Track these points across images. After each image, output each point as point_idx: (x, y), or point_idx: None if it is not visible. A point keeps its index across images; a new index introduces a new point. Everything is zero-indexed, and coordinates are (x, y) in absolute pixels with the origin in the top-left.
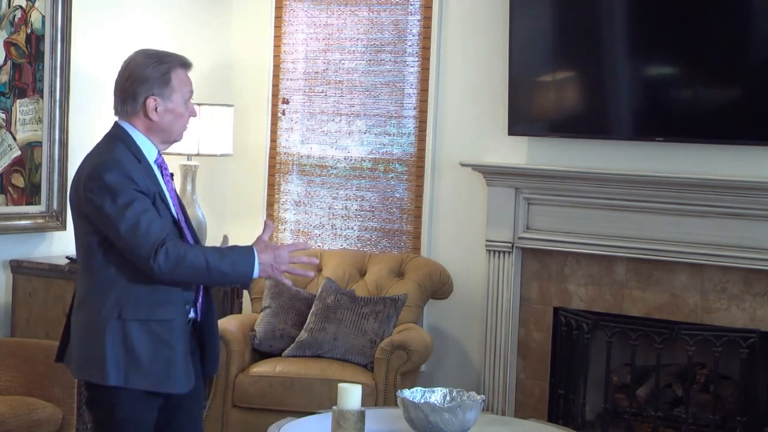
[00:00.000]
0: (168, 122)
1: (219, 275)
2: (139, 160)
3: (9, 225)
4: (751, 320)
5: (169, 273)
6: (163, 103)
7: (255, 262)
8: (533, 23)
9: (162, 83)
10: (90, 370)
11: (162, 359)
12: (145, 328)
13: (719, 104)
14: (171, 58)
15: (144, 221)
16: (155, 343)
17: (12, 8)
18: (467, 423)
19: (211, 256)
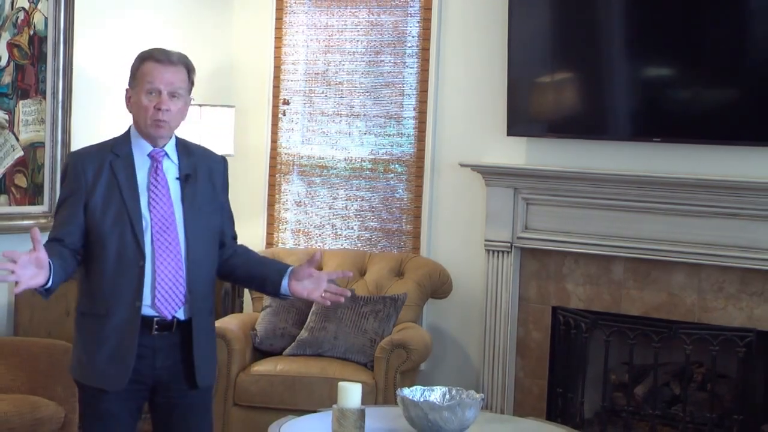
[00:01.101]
0: (135, 113)
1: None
2: (118, 155)
3: (12, 225)
4: (748, 319)
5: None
6: (132, 94)
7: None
8: (532, 25)
9: (132, 76)
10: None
11: (86, 351)
12: (82, 320)
13: (716, 105)
14: (145, 53)
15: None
16: (87, 336)
17: (15, 10)
18: (466, 421)
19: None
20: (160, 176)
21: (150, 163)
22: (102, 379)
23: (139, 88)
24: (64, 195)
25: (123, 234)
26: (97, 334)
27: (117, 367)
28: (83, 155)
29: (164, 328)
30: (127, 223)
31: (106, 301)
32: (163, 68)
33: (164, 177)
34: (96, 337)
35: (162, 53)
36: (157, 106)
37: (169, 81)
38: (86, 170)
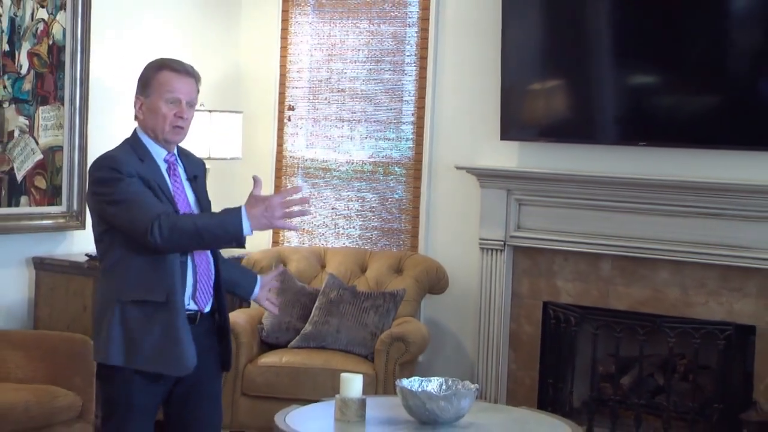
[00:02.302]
0: (149, 120)
1: (210, 237)
2: (142, 159)
3: (32, 224)
4: (728, 314)
5: (166, 243)
6: (145, 101)
7: (243, 218)
8: (524, 35)
9: (143, 84)
10: (96, 350)
11: (155, 340)
12: (140, 309)
13: (699, 111)
14: (162, 62)
15: (135, 201)
16: (149, 324)
17: (35, 21)
18: (462, 410)
19: (200, 220)
20: (178, 178)
21: (166, 167)
22: (174, 365)
23: (157, 96)
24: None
25: None
26: (162, 321)
27: (190, 352)
28: (121, 160)
29: (196, 319)
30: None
31: (167, 289)
32: (181, 79)
33: (180, 179)
34: (162, 325)
35: (179, 64)
36: (178, 114)
37: (188, 92)
38: (133, 171)
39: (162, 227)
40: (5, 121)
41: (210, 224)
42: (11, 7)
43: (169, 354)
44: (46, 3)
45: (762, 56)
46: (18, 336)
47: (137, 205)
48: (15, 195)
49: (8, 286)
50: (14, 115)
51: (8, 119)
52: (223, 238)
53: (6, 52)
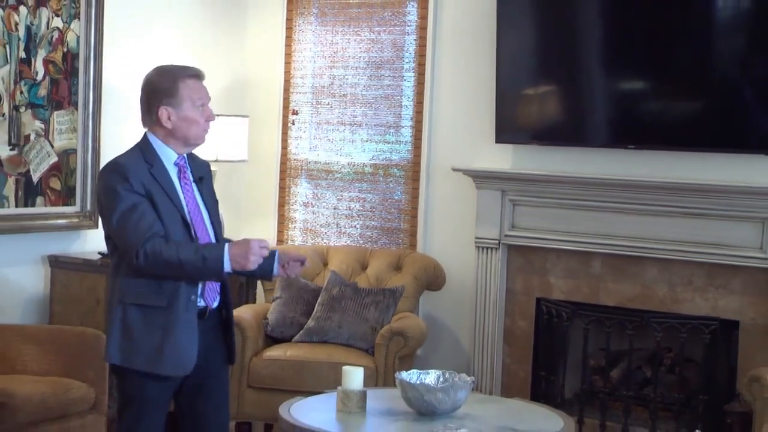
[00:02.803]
0: (183, 128)
1: (192, 270)
2: (151, 164)
3: (47, 224)
4: (713, 309)
5: (149, 269)
6: (175, 112)
7: (224, 256)
8: (518, 42)
9: (170, 94)
10: (106, 349)
11: (155, 342)
12: (141, 312)
13: (685, 115)
14: (179, 71)
15: (131, 220)
16: (150, 326)
17: (50, 29)
18: (458, 402)
19: (184, 253)
20: (188, 181)
21: (176, 170)
22: (172, 366)
23: (189, 104)
24: (129, 202)
25: (177, 232)
26: (161, 323)
27: (188, 354)
28: (129, 168)
29: (204, 314)
30: (179, 222)
31: (169, 294)
32: (203, 84)
33: (189, 181)
34: (160, 327)
35: (197, 70)
36: (209, 118)
37: (208, 95)
38: (136, 182)
39: (147, 255)
40: (22, 125)
41: (193, 259)
42: (28, 16)
43: (168, 356)
44: (60, 12)
45: (744, 63)
46: (34, 330)
47: (129, 227)
48: (31, 195)
49: (25, 282)
50: (30, 119)
51: (25, 123)
52: (203, 272)
53: (23, 59)
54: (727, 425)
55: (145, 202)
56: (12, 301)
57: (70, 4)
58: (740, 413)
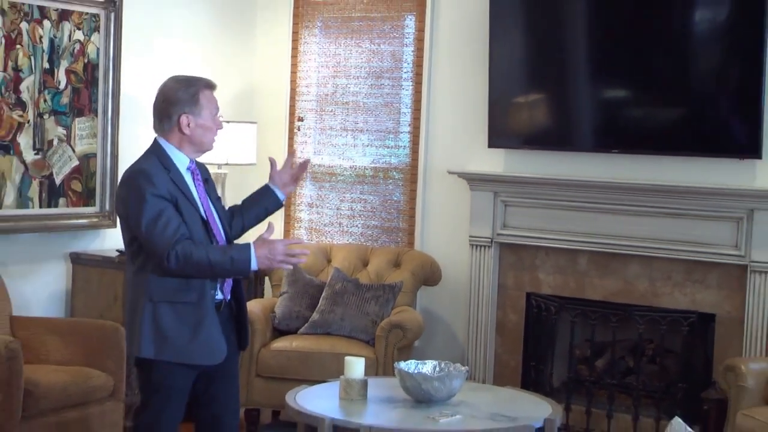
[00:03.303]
0: (199, 135)
1: (220, 270)
2: (169, 169)
3: (69, 223)
4: (691, 303)
5: (179, 271)
6: (194, 119)
7: (252, 256)
8: (509, 53)
9: (192, 103)
10: (132, 344)
11: (186, 335)
12: (172, 308)
13: (665, 122)
14: (198, 81)
15: (159, 224)
16: (180, 321)
17: (72, 42)
18: (453, 390)
19: (213, 254)
20: (200, 183)
21: (189, 174)
22: (199, 355)
23: (208, 113)
24: (156, 208)
25: (198, 233)
26: (191, 318)
27: (219, 345)
28: (154, 174)
29: (220, 306)
30: (199, 222)
31: (198, 290)
32: (215, 95)
33: (201, 183)
34: (190, 322)
35: (212, 82)
36: (219, 126)
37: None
38: (162, 187)
39: (178, 257)
40: (45, 131)
41: (221, 260)
42: (51, 29)
43: (200, 347)
44: (82, 25)
45: (719, 75)
46: (57, 323)
47: (157, 231)
48: (54, 197)
49: (48, 278)
50: (53, 125)
51: (48, 129)
52: (231, 271)
53: (46, 70)
54: (704, 411)
55: (170, 207)
56: (36, 296)
57: (91, 18)
58: (716, 400)
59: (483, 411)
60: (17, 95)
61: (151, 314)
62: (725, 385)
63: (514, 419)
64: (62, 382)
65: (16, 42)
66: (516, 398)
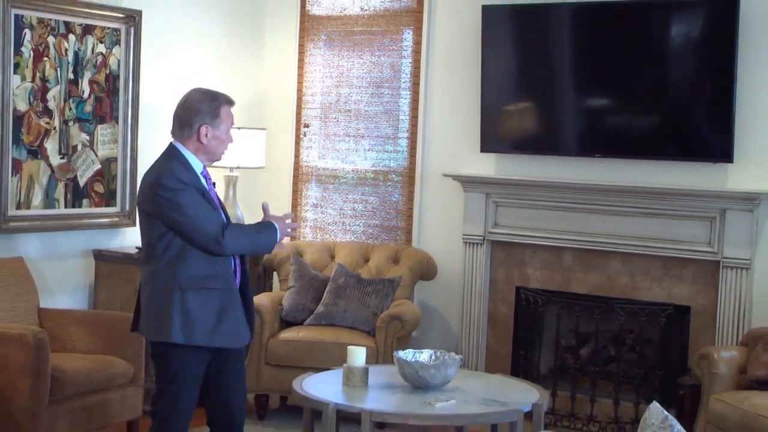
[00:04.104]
0: (214, 146)
1: (261, 246)
2: (188, 169)
3: (92, 222)
4: (668, 296)
5: (232, 247)
6: (212, 131)
7: (276, 230)
8: (499, 65)
9: (213, 116)
10: (158, 331)
11: (212, 320)
12: (200, 296)
13: (644, 129)
14: (220, 97)
15: (202, 212)
16: (207, 308)
17: (95, 54)
18: (448, 377)
19: (253, 233)
20: (211, 185)
21: (204, 179)
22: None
23: (225, 127)
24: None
25: None
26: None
27: (237, 327)
28: (178, 172)
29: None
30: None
31: (223, 277)
32: (232, 111)
33: (212, 186)
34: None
35: (230, 97)
36: (230, 140)
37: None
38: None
39: (232, 233)
40: (70, 137)
41: (260, 238)
42: (75, 42)
43: (227, 331)
44: (104, 39)
45: (693, 85)
46: (81, 314)
47: (203, 216)
48: (78, 198)
49: (73, 273)
50: (78, 132)
51: (72, 135)
52: (265, 247)
53: (71, 80)
54: (680, 396)
55: (201, 198)
56: (62, 289)
57: (112, 33)
58: (691, 386)
59: (475, 396)
60: (44, 104)
61: (181, 302)
62: (699, 372)
63: (505, 404)
64: (86, 369)
65: (43, 54)
66: (506, 384)
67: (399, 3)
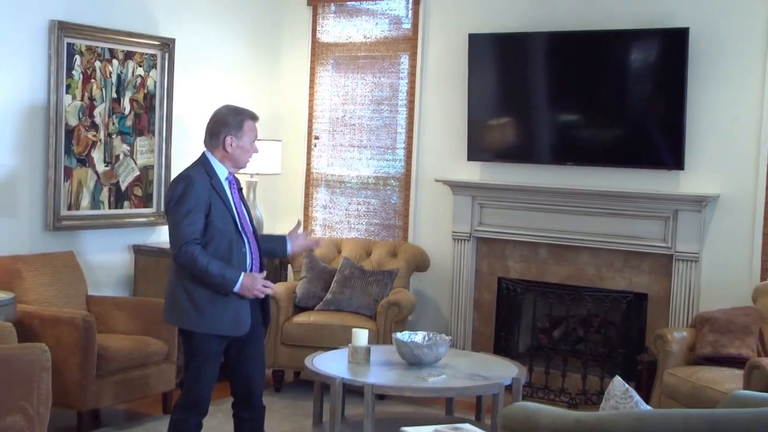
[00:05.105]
0: (238, 154)
1: (210, 279)
2: (211, 176)
3: (132, 221)
4: (628, 285)
5: (181, 262)
6: (236, 141)
7: (239, 281)
8: (484, 85)
9: (237, 128)
10: (175, 318)
11: (218, 311)
12: (207, 289)
13: (607, 141)
14: (245, 112)
15: (186, 221)
16: (213, 299)
17: (134, 76)
18: (440, 355)
19: (212, 265)
20: (235, 191)
21: (227, 183)
22: (231, 328)
23: (247, 139)
24: (189, 207)
25: (230, 230)
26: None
27: (245, 319)
28: (196, 180)
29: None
30: (231, 222)
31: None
32: (257, 126)
33: (236, 191)
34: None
35: (256, 115)
36: (255, 151)
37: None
38: (202, 192)
39: (187, 253)
40: (113, 147)
41: (215, 273)
42: (118, 66)
43: (230, 321)
44: (142, 63)
45: (650, 104)
46: (123, 301)
47: (183, 225)
48: (120, 200)
49: (116, 266)
50: (120, 143)
51: (115, 146)
52: (218, 284)
53: (114, 99)
54: (639, 371)
55: (201, 212)
56: (106, 279)
57: (150, 58)
58: (648, 362)
59: (463, 372)
60: (92, 119)
61: (191, 294)
62: (655, 350)
63: (488, 378)
64: (127, 348)
65: (91, 77)
66: (489, 361)
67: (397, 31)
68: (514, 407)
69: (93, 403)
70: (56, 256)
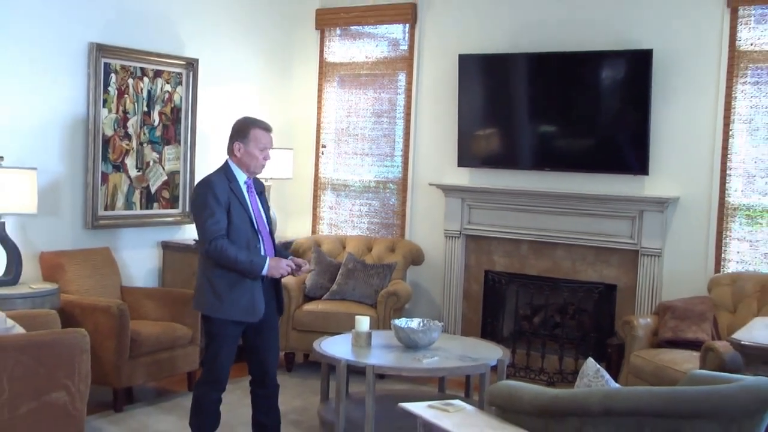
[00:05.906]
0: (246, 160)
1: (241, 266)
2: (230, 180)
3: (160, 221)
4: (600, 277)
5: (212, 255)
6: (243, 147)
7: (265, 265)
8: (472, 100)
9: (244, 135)
10: (198, 304)
11: (235, 298)
12: (226, 275)
13: (581, 149)
14: (256, 122)
15: (211, 219)
16: (231, 287)
17: (163, 92)
18: (433, 339)
19: (240, 254)
20: (253, 194)
21: (246, 187)
22: (246, 314)
23: (253, 145)
24: (212, 208)
25: (247, 229)
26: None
27: (259, 306)
28: (216, 184)
29: (264, 277)
30: (248, 222)
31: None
32: (266, 134)
33: (254, 194)
34: (239, 286)
35: (265, 123)
36: (265, 158)
37: (270, 142)
38: (221, 195)
39: (216, 246)
40: (144, 155)
41: (244, 260)
42: (148, 83)
43: (246, 307)
44: (170, 81)
45: (618, 116)
46: (152, 291)
47: (207, 225)
48: (150, 202)
49: (146, 260)
50: (150, 151)
51: (146, 154)
52: (247, 271)
53: (145, 112)
54: (608, 353)
55: (222, 210)
56: (138, 272)
57: (176, 75)
58: (617, 345)
59: (454, 354)
60: (125, 130)
61: (212, 283)
62: (623, 335)
63: (476, 360)
64: (156, 333)
65: (124, 93)
66: (477, 345)
67: (395, 52)
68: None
69: (127, 382)
70: (94, 252)
